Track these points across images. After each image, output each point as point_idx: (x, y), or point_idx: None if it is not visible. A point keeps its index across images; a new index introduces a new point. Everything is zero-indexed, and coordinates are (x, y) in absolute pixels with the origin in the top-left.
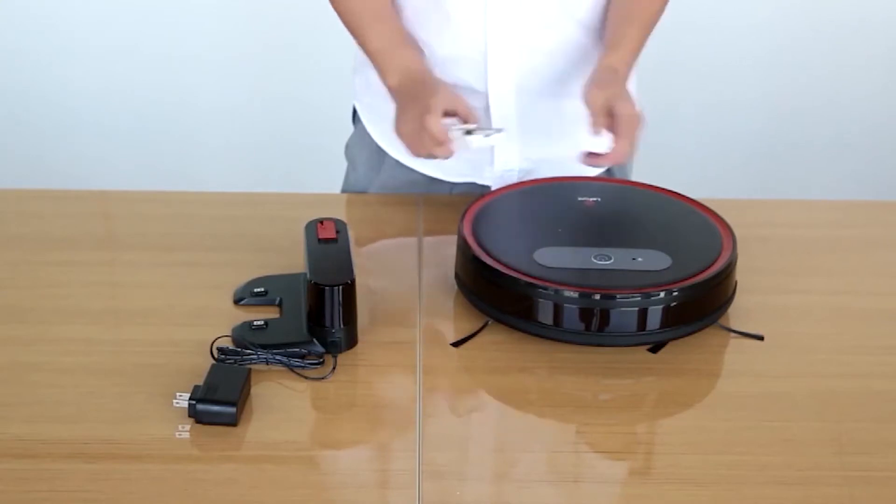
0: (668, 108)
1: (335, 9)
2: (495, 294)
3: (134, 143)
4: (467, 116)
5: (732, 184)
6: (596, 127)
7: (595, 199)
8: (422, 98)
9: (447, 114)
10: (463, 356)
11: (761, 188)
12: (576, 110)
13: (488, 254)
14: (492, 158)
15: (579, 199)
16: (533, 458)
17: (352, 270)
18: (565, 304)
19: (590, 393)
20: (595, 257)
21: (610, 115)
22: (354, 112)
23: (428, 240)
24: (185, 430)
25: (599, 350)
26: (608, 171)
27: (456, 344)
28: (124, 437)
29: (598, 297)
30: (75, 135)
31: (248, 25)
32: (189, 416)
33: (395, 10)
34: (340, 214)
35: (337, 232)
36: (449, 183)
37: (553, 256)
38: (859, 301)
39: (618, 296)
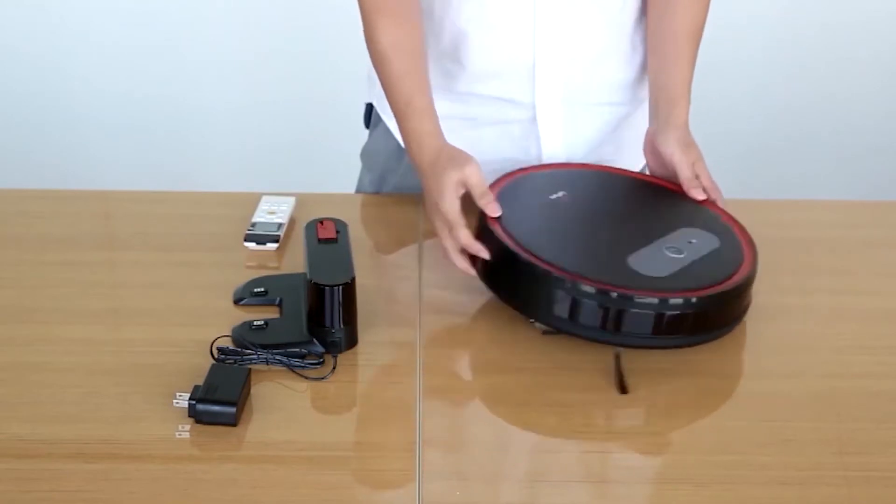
0: None
1: (377, 68)
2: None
3: (135, 142)
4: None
5: (731, 184)
6: (697, 190)
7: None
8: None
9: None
10: (463, 356)
11: (760, 188)
12: (616, 115)
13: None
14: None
15: (557, 195)
16: (533, 458)
17: (352, 270)
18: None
19: (590, 394)
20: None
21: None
22: (368, 116)
23: (428, 240)
24: (185, 430)
25: (599, 351)
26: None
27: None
28: (124, 437)
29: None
30: (75, 134)
31: (249, 26)
32: (189, 416)
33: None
34: (341, 214)
35: (337, 232)
36: None
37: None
38: (859, 301)
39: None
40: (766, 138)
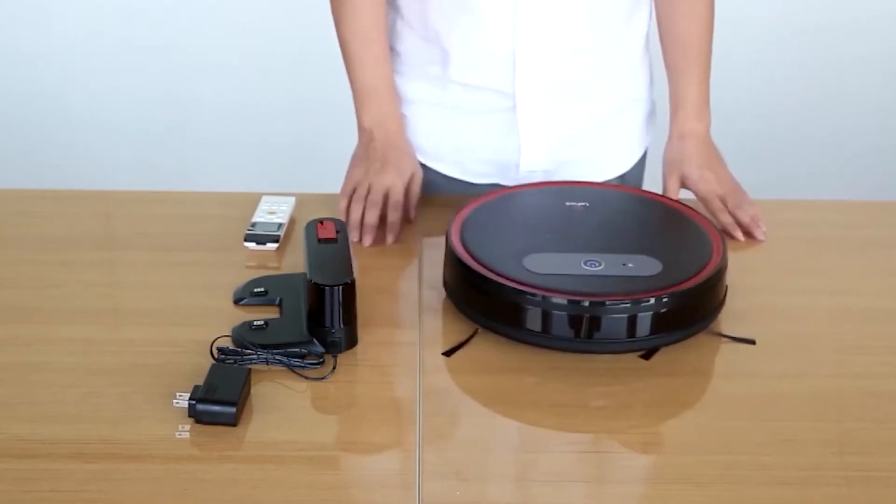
0: (665, 106)
1: (339, 35)
2: (484, 301)
3: (135, 142)
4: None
5: None
6: (725, 222)
7: (584, 203)
8: (390, 162)
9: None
10: (462, 357)
11: (760, 188)
12: (600, 111)
13: (477, 260)
14: (518, 159)
15: (568, 204)
16: (532, 458)
17: (352, 270)
18: (554, 311)
19: (589, 394)
20: (585, 263)
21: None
22: None
23: (428, 240)
24: (185, 430)
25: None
26: (621, 178)
27: (447, 353)
28: (124, 437)
29: (587, 303)
30: (76, 134)
31: (249, 26)
32: (189, 416)
33: (388, 57)
34: (340, 214)
35: (337, 232)
36: (469, 184)
37: (543, 263)
38: (859, 301)
39: (607, 302)
40: (766, 138)
